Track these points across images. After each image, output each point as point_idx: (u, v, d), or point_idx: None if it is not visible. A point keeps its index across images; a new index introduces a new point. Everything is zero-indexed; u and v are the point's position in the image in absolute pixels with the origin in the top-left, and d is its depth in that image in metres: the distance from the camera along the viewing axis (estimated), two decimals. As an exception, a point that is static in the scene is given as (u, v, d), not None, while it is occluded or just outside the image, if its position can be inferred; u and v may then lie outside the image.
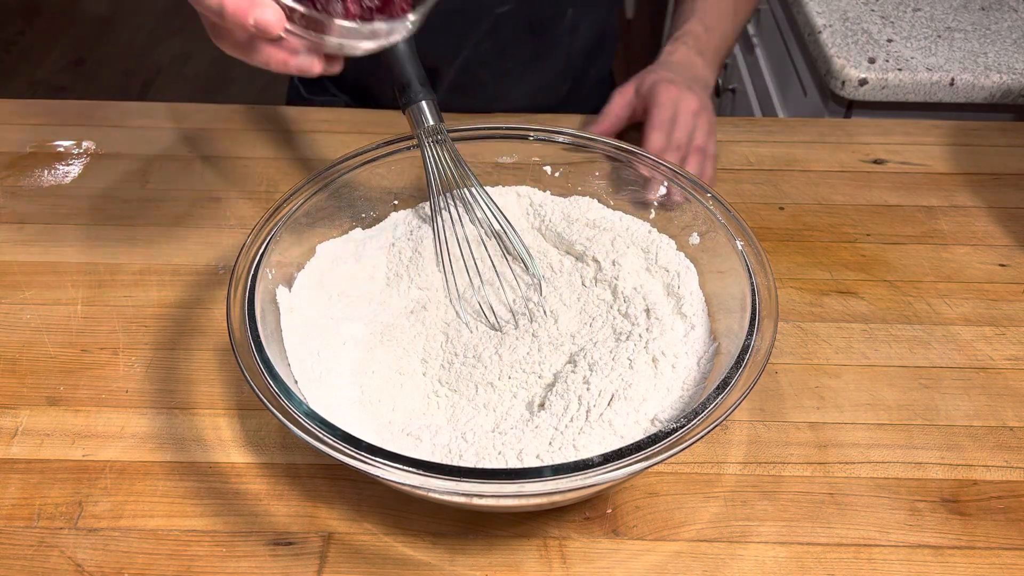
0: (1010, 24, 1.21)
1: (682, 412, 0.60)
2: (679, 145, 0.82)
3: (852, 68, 1.13)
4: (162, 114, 1.01)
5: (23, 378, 0.72)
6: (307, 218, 0.70)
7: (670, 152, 0.81)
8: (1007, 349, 0.75)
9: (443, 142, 0.72)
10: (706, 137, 0.84)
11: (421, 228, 0.75)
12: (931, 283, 0.81)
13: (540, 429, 0.60)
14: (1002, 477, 0.65)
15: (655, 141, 0.81)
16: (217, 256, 0.83)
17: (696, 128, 0.83)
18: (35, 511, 0.62)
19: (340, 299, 0.70)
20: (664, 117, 0.82)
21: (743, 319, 0.61)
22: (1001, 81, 1.11)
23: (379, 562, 0.60)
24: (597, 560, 0.60)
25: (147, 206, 0.89)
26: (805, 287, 0.81)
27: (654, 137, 0.81)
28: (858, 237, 0.86)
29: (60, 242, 0.84)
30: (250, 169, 0.93)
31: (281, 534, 0.61)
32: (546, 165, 0.78)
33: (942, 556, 0.60)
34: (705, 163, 0.83)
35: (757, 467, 0.66)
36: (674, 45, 0.93)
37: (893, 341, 0.75)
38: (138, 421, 0.68)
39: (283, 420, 0.54)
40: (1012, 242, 0.86)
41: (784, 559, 0.60)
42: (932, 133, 1.00)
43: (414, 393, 0.65)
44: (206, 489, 0.64)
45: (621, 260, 0.72)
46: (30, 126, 0.99)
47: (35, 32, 3.22)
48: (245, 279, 0.62)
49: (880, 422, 0.69)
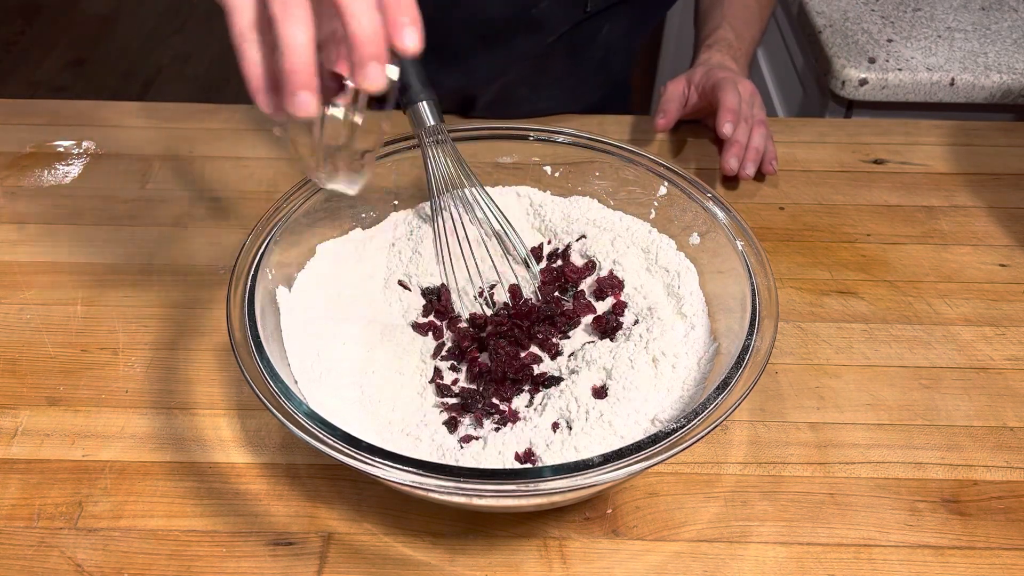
0: (1010, 24, 1.21)
1: (682, 412, 0.60)
2: (747, 118, 0.90)
3: (852, 68, 1.13)
4: (162, 114, 1.01)
5: (23, 378, 0.71)
6: (307, 218, 0.70)
7: (742, 127, 0.89)
8: (1007, 349, 0.75)
9: (443, 142, 0.72)
10: (763, 113, 0.94)
11: (421, 228, 0.75)
12: (931, 283, 0.81)
13: (540, 429, 0.60)
14: (1002, 477, 0.65)
15: (729, 117, 0.89)
16: (217, 256, 0.83)
17: (755, 106, 0.93)
18: (35, 511, 0.62)
19: (340, 299, 0.70)
20: (734, 99, 0.90)
21: (743, 319, 0.61)
22: (1001, 81, 1.11)
23: (379, 562, 0.60)
24: (597, 560, 0.60)
25: (147, 206, 0.89)
26: (805, 287, 0.80)
27: (729, 115, 0.89)
28: (858, 237, 0.86)
29: (60, 242, 0.84)
30: (250, 169, 0.93)
31: (281, 534, 0.61)
32: (546, 165, 0.78)
33: (942, 556, 0.60)
34: (768, 135, 0.92)
35: (757, 467, 0.66)
36: (709, 52, 0.99)
37: (893, 341, 0.75)
38: (138, 421, 0.68)
39: (283, 420, 0.54)
40: (1012, 242, 0.86)
41: (784, 559, 0.60)
42: (932, 133, 1.00)
43: (414, 393, 0.65)
44: (206, 489, 0.64)
45: (621, 260, 0.72)
46: (30, 126, 0.99)
47: (35, 32, 3.22)
48: (245, 279, 0.62)
49: (880, 422, 0.69)
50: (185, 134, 0.98)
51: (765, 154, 0.91)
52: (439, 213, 0.73)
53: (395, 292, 0.72)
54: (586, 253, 0.74)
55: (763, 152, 0.90)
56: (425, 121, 0.72)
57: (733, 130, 0.88)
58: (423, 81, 0.72)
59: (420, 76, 0.72)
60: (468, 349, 0.67)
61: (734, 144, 0.88)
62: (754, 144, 0.90)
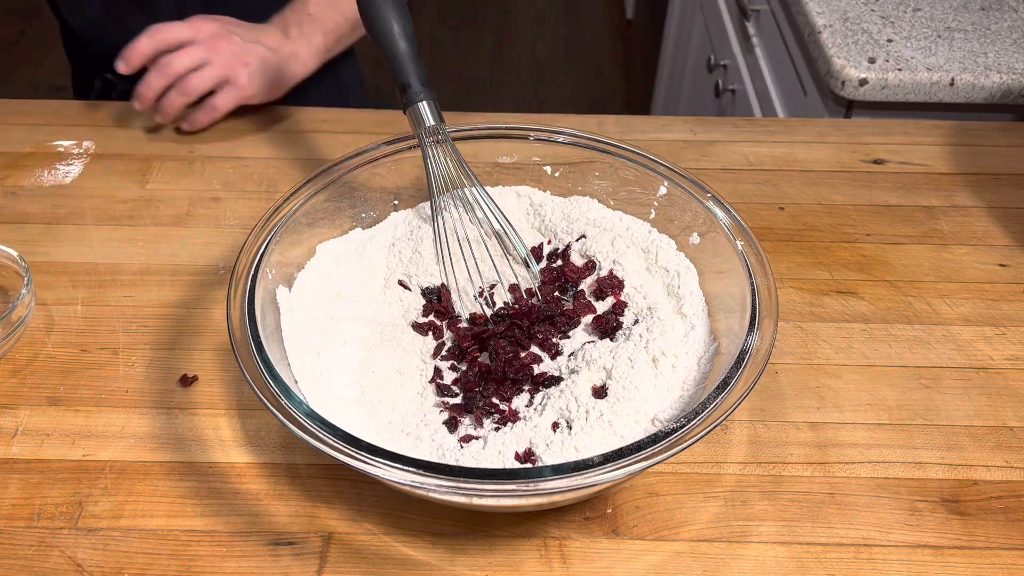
0: (1010, 24, 1.21)
1: (682, 412, 0.60)
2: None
3: (852, 68, 1.13)
4: (162, 114, 1.01)
5: (23, 378, 0.71)
6: (307, 218, 0.70)
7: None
8: (1007, 349, 0.75)
9: (443, 142, 0.72)
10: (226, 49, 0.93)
11: (421, 228, 0.75)
12: (931, 283, 0.81)
13: (540, 429, 0.60)
14: (1002, 477, 0.65)
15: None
16: (217, 256, 0.83)
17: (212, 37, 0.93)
18: (35, 511, 0.62)
19: (340, 299, 0.70)
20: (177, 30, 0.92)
21: (743, 319, 0.61)
22: (1001, 81, 1.11)
23: (379, 562, 0.60)
24: (597, 560, 0.60)
25: (147, 206, 0.89)
26: (805, 287, 0.80)
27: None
28: (858, 237, 0.86)
29: (60, 242, 0.84)
30: (250, 169, 0.93)
31: (281, 534, 0.61)
32: (546, 165, 0.78)
33: (942, 556, 0.60)
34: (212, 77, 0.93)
35: (757, 467, 0.66)
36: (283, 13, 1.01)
37: (893, 341, 0.75)
38: (138, 421, 0.68)
39: (283, 420, 0.54)
40: (1012, 242, 0.86)
41: (784, 559, 0.60)
42: (932, 133, 1.00)
43: (414, 393, 0.65)
44: (206, 489, 0.64)
45: (621, 260, 0.72)
46: (30, 126, 0.99)
47: (35, 32, 3.22)
48: (245, 279, 0.62)
49: (880, 422, 0.69)
50: (185, 134, 0.98)
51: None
52: (439, 213, 0.73)
53: (395, 292, 0.72)
54: (586, 253, 0.74)
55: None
56: (425, 121, 0.72)
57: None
58: (423, 81, 0.72)
59: (420, 76, 0.72)
60: (468, 349, 0.67)
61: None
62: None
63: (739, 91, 1.64)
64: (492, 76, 3.11)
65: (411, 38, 0.72)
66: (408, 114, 0.72)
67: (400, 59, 0.71)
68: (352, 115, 1.01)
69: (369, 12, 0.72)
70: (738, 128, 1.00)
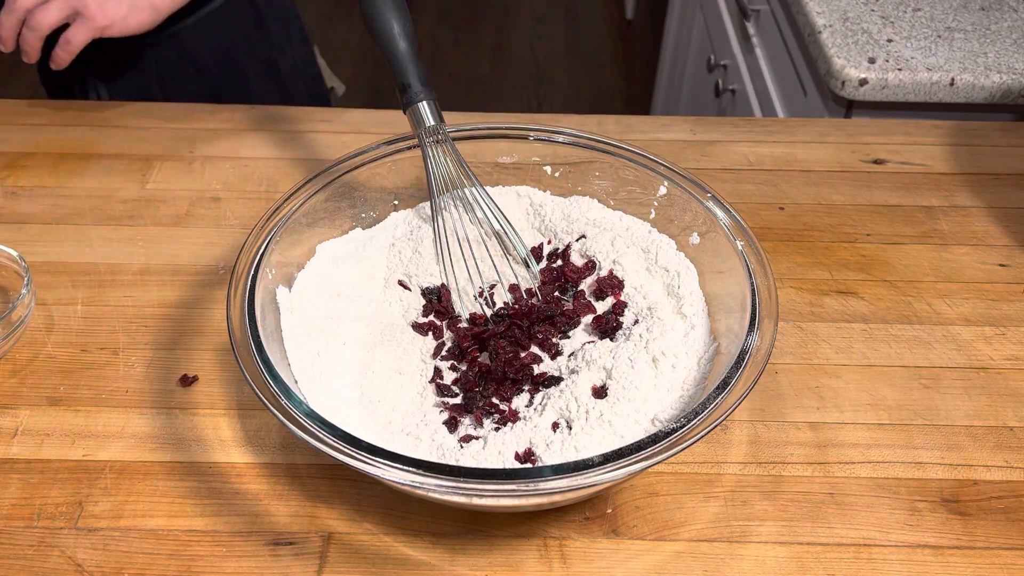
0: (1010, 24, 1.21)
1: (682, 412, 0.60)
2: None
3: (852, 68, 1.13)
4: (162, 114, 1.01)
5: (23, 378, 0.72)
6: (307, 218, 0.70)
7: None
8: (1007, 349, 0.75)
9: (443, 142, 0.72)
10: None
11: (421, 228, 0.75)
12: (931, 283, 0.81)
13: (540, 429, 0.60)
14: (1002, 477, 0.65)
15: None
16: (217, 256, 0.83)
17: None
18: (35, 511, 0.62)
19: (340, 299, 0.70)
20: None
21: (743, 319, 0.61)
22: (1001, 81, 1.10)
23: (379, 562, 0.60)
24: (597, 560, 0.60)
25: (147, 206, 0.89)
26: (805, 287, 0.80)
27: None
28: (858, 237, 0.86)
29: (60, 242, 0.84)
30: (250, 169, 0.93)
31: (281, 534, 0.61)
32: (546, 165, 0.78)
33: (942, 556, 0.60)
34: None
35: (757, 467, 0.66)
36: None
37: (893, 341, 0.75)
38: (138, 421, 0.68)
39: (283, 420, 0.54)
40: (1012, 242, 0.86)
41: (784, 559, 0.60)
42: (932, 133, 1.00)
43: (414, 393, 0.65)
44: (206, 489, 0.64)
45: (621, 260, 0.72)
46: (30, 126, 0.99)
47: (35, 32, 3.22)
48: (245, 279, 0.62)
49: (880, 422, 0.69)
50: (185, 134, 0.98)
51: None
52: (439, 213, 0.73)
53: (395, 292, 0.72)
54: (586, 253, 0.74)
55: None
56: (425, 121, 0.72)
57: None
58: (423, 81, 0.72)
59: (420, 76, 0.72)
60: (468, 349, 0.67)
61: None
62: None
63: (739, 91, 1.64)
64: (492, 76, 3.12)
65: (411, 38, 0.72)
66: (408, 114, 0.72)
67: (400, 59, 0.71)
68: (352, 115, 1.02)
69: (369, 12, 0.72)
70: (738, 128, 1.00)
